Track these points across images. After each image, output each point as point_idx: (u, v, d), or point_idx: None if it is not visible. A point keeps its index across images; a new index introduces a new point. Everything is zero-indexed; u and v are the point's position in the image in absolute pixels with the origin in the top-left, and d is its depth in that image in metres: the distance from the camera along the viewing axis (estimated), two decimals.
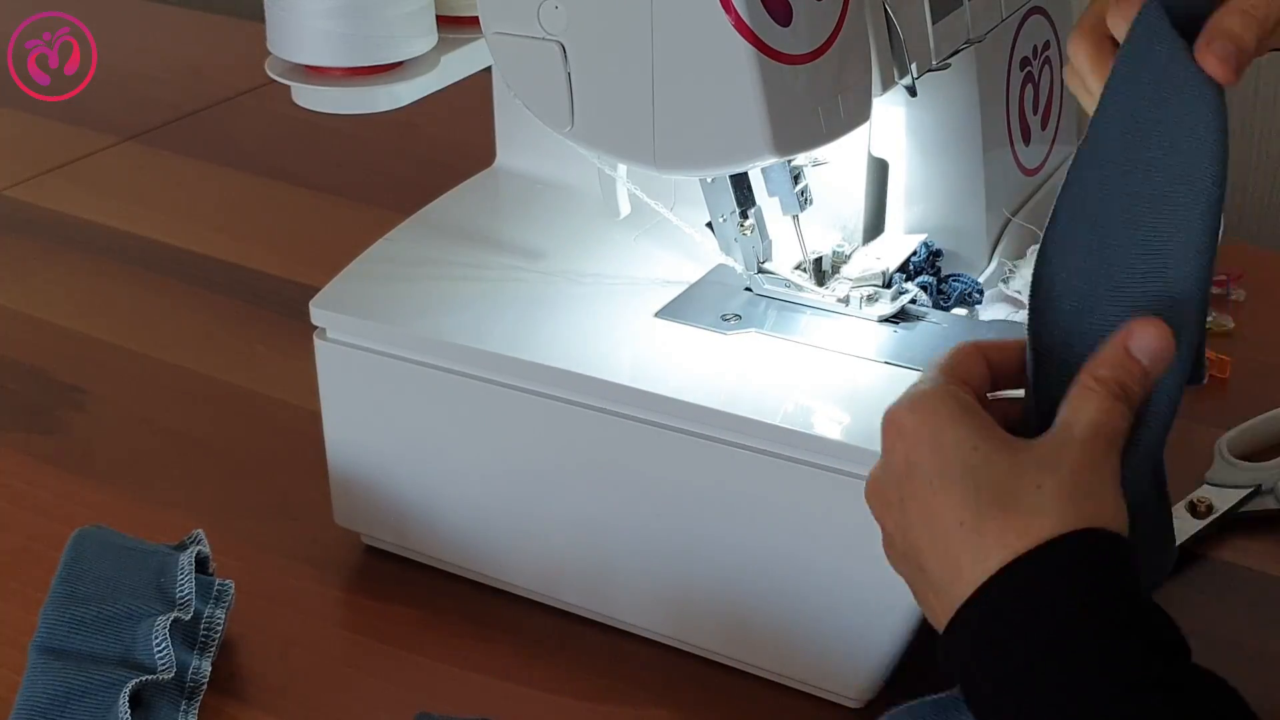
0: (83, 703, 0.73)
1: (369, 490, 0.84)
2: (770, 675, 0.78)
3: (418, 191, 0.95)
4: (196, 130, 1.42)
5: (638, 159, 0.74)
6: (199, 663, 0.77)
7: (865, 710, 0.76)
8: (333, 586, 0.86)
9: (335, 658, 0.81)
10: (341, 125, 1.33)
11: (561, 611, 0.83)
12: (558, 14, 0.73)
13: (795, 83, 0.70)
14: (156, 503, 0.92)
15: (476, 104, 0.99)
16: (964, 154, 0.83)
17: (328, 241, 1.18)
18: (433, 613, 0.83)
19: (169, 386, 1.04)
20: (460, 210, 0.91)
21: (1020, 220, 0.86)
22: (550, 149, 0.86)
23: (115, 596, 0.77)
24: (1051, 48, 0.91)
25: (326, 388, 0.84)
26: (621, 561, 0.78)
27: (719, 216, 0.79)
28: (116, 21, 1.65)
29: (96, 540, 0.80)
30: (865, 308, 0.78)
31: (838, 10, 0.72)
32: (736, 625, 0.77)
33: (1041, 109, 0.90)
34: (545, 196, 0.92)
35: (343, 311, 0.82)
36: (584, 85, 0.73)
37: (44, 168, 1.35)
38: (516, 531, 0.81)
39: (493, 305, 0.82)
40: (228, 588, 0.81)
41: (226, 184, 1.32)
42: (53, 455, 0.97)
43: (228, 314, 1.12)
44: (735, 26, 0.68)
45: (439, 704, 0.76)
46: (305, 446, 0.92)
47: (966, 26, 0.80)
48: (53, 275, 1.18)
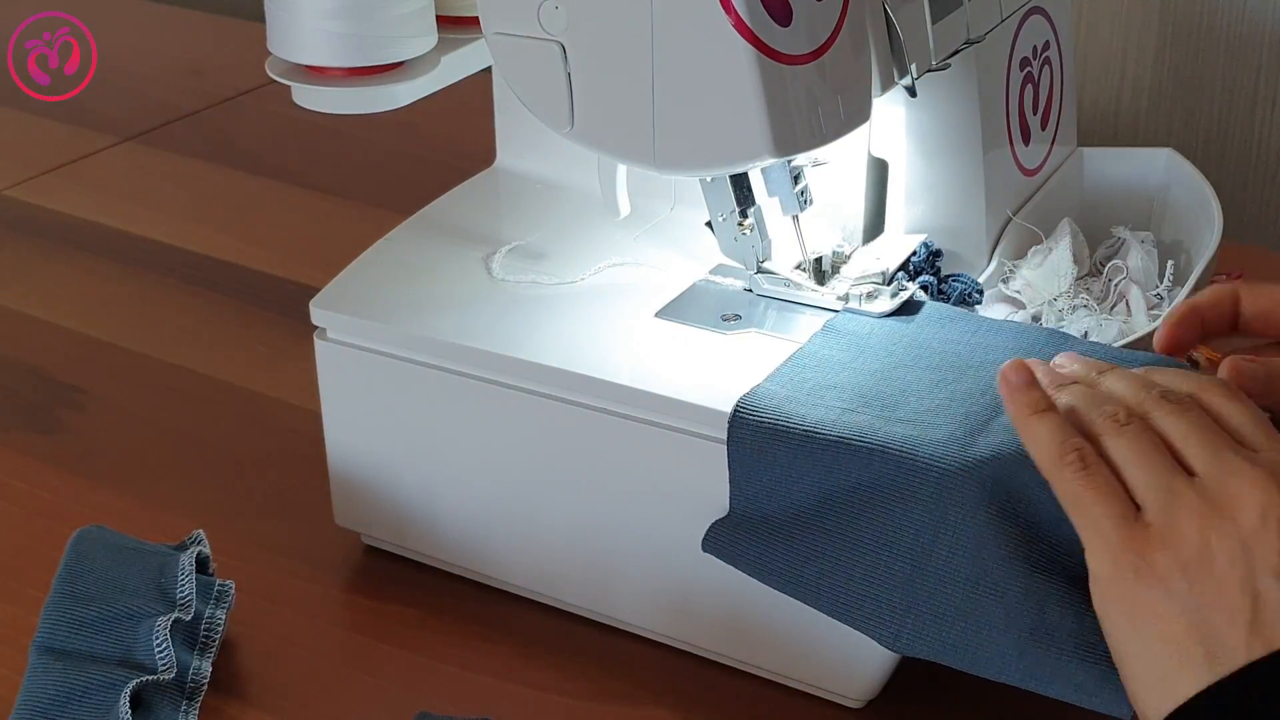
0: (83, 703, 0.73)
1: (369, 490, 0.85)
2: (770, 675, 0.78)
3: (418, 191, 0.96)
4: (196, 130, 1.43)
5: (638, 159, 0.74)
6: (199, 663, 0.77)
7: (865, 710, 0.76)
8: (333, 586, 0.86)
9: (335, 658, 0.81)
10: (341, 125, 1.33)
11: (561, 611, 0.83)
12: (558, 14, 0.73)
13: (795, 83, 0.70)
14: (156, 503, 0.92)
15: (476, 104, 0.99)
16: (964, 154, 0.83)
17: (328, 241, 1.18)
18: (433, 613, 0.83)
19: (169, 386, 1.04)
20: (460, 210, 0.91)
21: (1020, 220, 0.86)
22: (550, 149, 0.86)
23: (116, 597, 0.77)
24: (1051, 48, 0.91)
25: (326, 388, 0.84)
26: (621, 561, 0.78)
27: (719, 216, 0.79)
28: (116, 21, 1.65)
29: (97, 540, 0.80)
30: (865, 305, 0.78)
31: (838, 10, 0.72)
32: (736, 625, 0.77)
33: (1041, 109, 0.90)
34: (545, 196, 0.92)
35: (343, 311, 0.82)
36: (584, 85, 0.74)
37: (44, 168, 1.35)
38: (516, 531, 0.81)
39: (493, 305, 0.82)
40: (228, 588, 0.81)
41: (226, 184, 1.32)
42: (53, 455, 0.97)
43: (228, 314, 1.12)
44: (735, 26, 0.68)
45: (439, 704, 0.76)
46: (305, 446, 0.92)
47: (966, 26, 0.80)
48: (53, 275, 1.18)
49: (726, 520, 0.72)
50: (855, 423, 0.69)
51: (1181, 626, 0.59)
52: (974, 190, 0.84)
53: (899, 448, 0.67)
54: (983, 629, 0.65)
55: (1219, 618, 0.58)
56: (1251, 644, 0.58)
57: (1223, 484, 0.60)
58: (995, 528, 0.65)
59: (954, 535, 0.65)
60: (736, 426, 0.71)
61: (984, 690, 0.77)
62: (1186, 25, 1.22)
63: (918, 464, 0.66)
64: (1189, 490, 0.61)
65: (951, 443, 0.67)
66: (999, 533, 0.65)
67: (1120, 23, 1.24)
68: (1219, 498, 0.60)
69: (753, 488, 0.71)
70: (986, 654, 0.65)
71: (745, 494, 0.71)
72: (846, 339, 0.76)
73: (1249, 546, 0.59)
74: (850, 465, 0.68)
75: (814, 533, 0.69)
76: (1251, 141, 1.23)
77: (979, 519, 0.65)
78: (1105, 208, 0.94)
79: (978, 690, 0.77)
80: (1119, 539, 0.61)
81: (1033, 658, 0.64)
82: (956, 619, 0.66)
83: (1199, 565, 0.59)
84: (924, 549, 0.66)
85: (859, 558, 0.68)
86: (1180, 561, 0.60)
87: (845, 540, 0.68)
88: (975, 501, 0.65)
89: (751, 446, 0.70)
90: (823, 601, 0.69)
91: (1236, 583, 0.59)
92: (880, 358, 0.74)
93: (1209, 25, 1.21)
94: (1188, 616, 0.59)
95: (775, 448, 0.70)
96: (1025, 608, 0.64)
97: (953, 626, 0.66)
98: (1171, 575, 0.59)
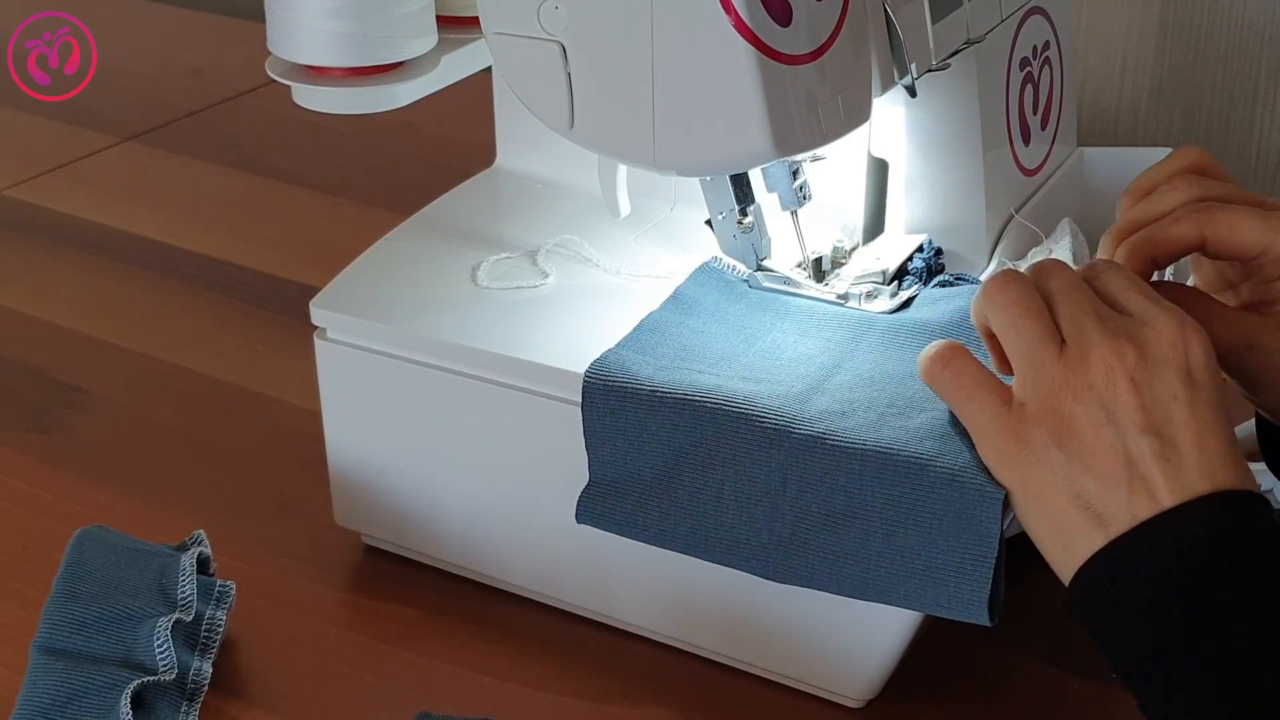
0: (84, 703, 0.73)
1: (369, 490, 0.85)
2: (770, 675, 0.78)
3: (418, 191, 0.96)
4: (196, 130, 1.43)
5: (638, 159, 0.74)
6: (200, 664, 0.77)
7: (865, 710, 0.76)
8: (333, 586, 0.86)
9: (335, 658, 0.81)
10: (341, 125, 1.33)
11: (561, 611, 0.83)
12: (558, 14, 0.73)
13: (795, 83, 0.70)
14: (156, 502, 0.92)
15: (476, 104, 0.99)
16: (964, 154, 0.83)
17: (328, 241, 1.18)
18: (433, 613, 0.83)
19: (169, 386, 1.04)
20: (460, 210, 0.91)
21: (1021, 220, 0.86)
22: (550, 149, 0.86)
23: (117, 597, 0.77)
24: (1051, 48, 0.91)
25: (326, 388, 0.84)
26: (621, 561, 0.78)
27: (718, 214, 0.79)
28: (116, 21, 1.65)
29: (98, 540, 0.80)
30: (865, 304, 0.78)
31: (838, 10, 0.72)
32: (736, 625, 0.77)
33: (1041, 109, 0.90)
34: (545, 196, 0.92)
35: (343, 311, 0.82)
36: (584, 85, 0.74)
37: (44, 168, 1.35)
38: (516, 531, 0.81)
39: (493, 305, 0.82)
40: (229, 589, 0.81)
41: (226, 184, 1.32)
42: (53, 455, 0.97)
43: (228, 314, 1.12)
44: (735, 26, 0.68)
45: (439, 704, 0.76)
46: (305, 446, 0.92)
47: (966, 26, 0.80)
48: (53, 275, 1.18)
49: (591, 489, 0.75)
50: (700, 382, 0.73)
51: (1067, 497, 0.62)
52: (974, 190, 0.84)
53: (740, 403, 0.71)
54: (840, 558, 0.69)
55: (1097, 483, 0.61)
56: (1134, 502, 0.60)
57: (1081, 351, 0.62)
58: (834, 464, 0.69)
59: (799, 476, 0.70)
60: (589, 393, 0.74)
61: (984, 690, 0.77)
62: (1186, 25, 1.22)
63: (755, 416, 0.70)
64: (1054, 364, 0.63)
65: (789, 396, 0.71)
66: (837, 470, 0.69)
67: (1120, 22, 1.24)
68: (1077, 366, 0.62)
69: (609, 452, 0.74)
70: (850, 579, 0.70)
71: (602, 459, 0.75)
72: (695, 306, 0.79)
73: (1109, 409, 0.61)
74: (697, 421, 0.71)
75: (679, 489, 0.73)
76: (1251, 141, 1.23)
77: (818, 461, 0.69)
78: (1105, 208, 0.93)
79: (978, 690, 0.77)
80: (996, 427, 0.64)
81: (887, 579, 0.69)
82: (816, 550, 0.70)
83: (1068, 435, 0.62)
84: (776, 490, 0.70)
85: (724, 507, 0.72)
86: (1052, 435, 0.62)
87: (708, 492, 0.72)
88: (810, 445, 0.69)
89: (604, 410, 0.74)
90: (699, 550, 0.73)
91: (1106, 446, 0.61)
92: (729, 322, 0.78)
93: (1209, 25, 1.21)
94: (1070, 487, 0.62)
95: (627, 410, 0.73)
96: (870, 535, 0.68)
97: (816, 557, 0.70)
98: (1047, 450, 0.62)
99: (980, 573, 0.66)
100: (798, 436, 0.69)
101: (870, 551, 0.69)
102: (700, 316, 0.78)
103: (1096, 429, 0.61)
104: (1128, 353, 0.62)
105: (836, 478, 0.69)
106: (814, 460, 0.69)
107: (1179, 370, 0.62)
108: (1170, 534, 0.60)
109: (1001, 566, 0.67)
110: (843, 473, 0.69)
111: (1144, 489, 0.60)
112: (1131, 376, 0.61)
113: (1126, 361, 0.61)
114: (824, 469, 0.69)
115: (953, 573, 0.67)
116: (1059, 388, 0.62)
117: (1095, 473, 0.61)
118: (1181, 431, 0.61)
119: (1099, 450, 0.61)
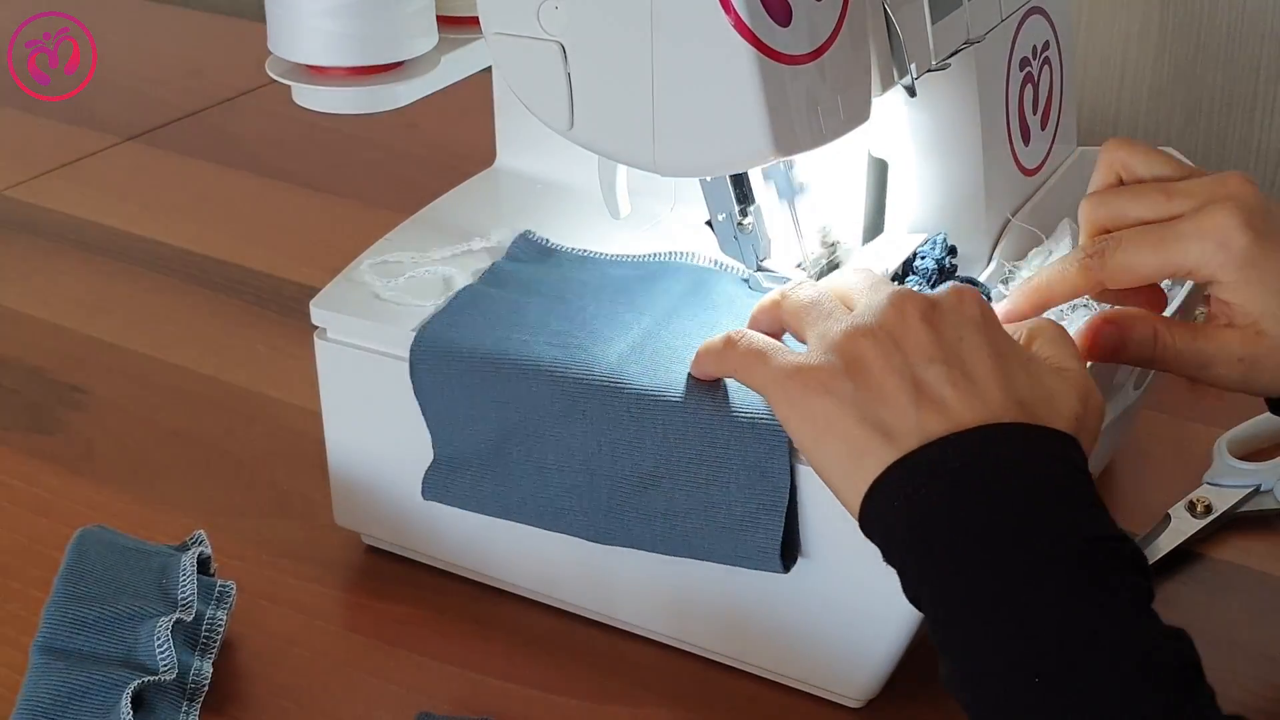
0: (84, 703, 0.73)
1: (369, 490, 0.85)
2: (770, 675, 0.78)
3: (418, 191, 0.96)
4: (196, 130, 1.43)
5: (638, 160, 0.74)
6: (200, 664, 0.77)
7: (865, 710, 0.76)
8: (333, 586, 0.86)
9: (335, 658, 0.81)
10: (341, 125, 1.33)
11: (561, 611, 0.83)
12: (558, 14, 0.73)
13: (795, 83, 0.70)
14: (156, 502, 0.92)
15: (476, 104, 0.99)
16: (964, 154, 0.83)
17: (328, 241, 1.18)
18: (433, 613, 0.83)
19: (169, 386, 1.04)
20: (460, 210, 0.91)
21: (1020, 220, 0.86)
22: (550, 149, 0.86)
23: (117, 597, 0.77)
24: (1051, 48, 0.91)
25: (326, 388, 0.84)
26: (621, 561, 0.78)
27: (718, 215, 0.79)
28: (116, 21, 1.65)
29: (99, 540, 0.80)
30: None
31: (838, 10, 0.72)
32: (736, 625, 0.77)
33: (1041, 109, 0.90)
34: (545, 196, 0.92)
35: (343, 311, 0.82)
36: (584, 85, 0.74)
37: (44, 168, 1.35)
38: (516, 531, 0.81)
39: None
40: (229, 589, 0.81)
41: (226, 184, 1.32)
42: (53, 455, 0.97)
43: (228, 314, 1.12)
44: (735, 27, 0.68)
45: (439, 704, 0.76)
46: (305, 446, 0.92)
47: (966, 26, 0.80)
48: (53, 275, 1.18)
49: (436, 465, 0.78)
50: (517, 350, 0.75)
51: (855, 421, 0.63)
52: (974, 190, 0.84)
53: (550, 368, 0.74)
54: (653, 517, 0.73)
55: (887, 409, 0.63)
56: (923, 420, 0.62)
57: (871, 304, 0.66)
58: (640, 428, 0.72)
59: (611, 441, 0.73)
60: (415, 367, 0.76)
61: None
62: (1187, 25, 1.22)
63: (569, 383, 0.74)
64: (845, 316, 0.66)
65: (601, 362, 0.74)
66: (643, 432, 0.72)
67: (1120, 23, 1.24)
68: (868, 314, 0.66)
69: (445, 425, 0.77)
70: (664, 538, 0.73)
71: (440, 433, 0.78)
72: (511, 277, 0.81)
73: (898, 340, 0.64)
74: (516, 389, 0.75)
75: (509, 460, 0.76)
76: (1251, 141, 1.23)
77: (625, 426, 0.72)
78: None
79: None
80: (786, 373, 0.66)
81: (695, 535, 0.72)
82: (632, 512, 0.73)
83: (857, 366, 0.64)
84: (592, 455, 0.73)
85: (549, 477, 0.75)
86: (844, 367, 0.64)
87: (532, 463, 0.75)
88: (618, 411, 0.72)
89: (431, 383, 0.76)
90: (533, 519, 0.77)
91: (894, 371, 0.63)
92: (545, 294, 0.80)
93: (1209, 25, 1.21)
94: (859, 412, 0.63)
95: (451, 383, 0.76)
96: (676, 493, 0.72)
97: (633, 518, 0.73)
98: (836, 379, 0.64)
99: (773, 521, 0.70)
100: (608, 402, 0.72)
101: (678, 508, 0.72)
102: (514, 288, 0.80)
103: (886, 357, 0.64)
104: (917, 297, 0.66)
105: (643, 440, 0.72)
106: (624, 425, 0.72)
107: (969, 318, 0.65)
108: (966, 448, 0.61)
109: (796, 515, 0.70)
110: (648, 435, 0.72)
111: (934, 409, 0.62)
112: (923, 314, 0.65)
113: (917, 302, 0.65)
114: (634, 433, 0.72)
115: (749, 523, 0.71)
116: (851, 330, 0.65)
117: (883, 396, 0.63)
118: (977, 362, 0.63)
119: (887, 375, 0.63)
